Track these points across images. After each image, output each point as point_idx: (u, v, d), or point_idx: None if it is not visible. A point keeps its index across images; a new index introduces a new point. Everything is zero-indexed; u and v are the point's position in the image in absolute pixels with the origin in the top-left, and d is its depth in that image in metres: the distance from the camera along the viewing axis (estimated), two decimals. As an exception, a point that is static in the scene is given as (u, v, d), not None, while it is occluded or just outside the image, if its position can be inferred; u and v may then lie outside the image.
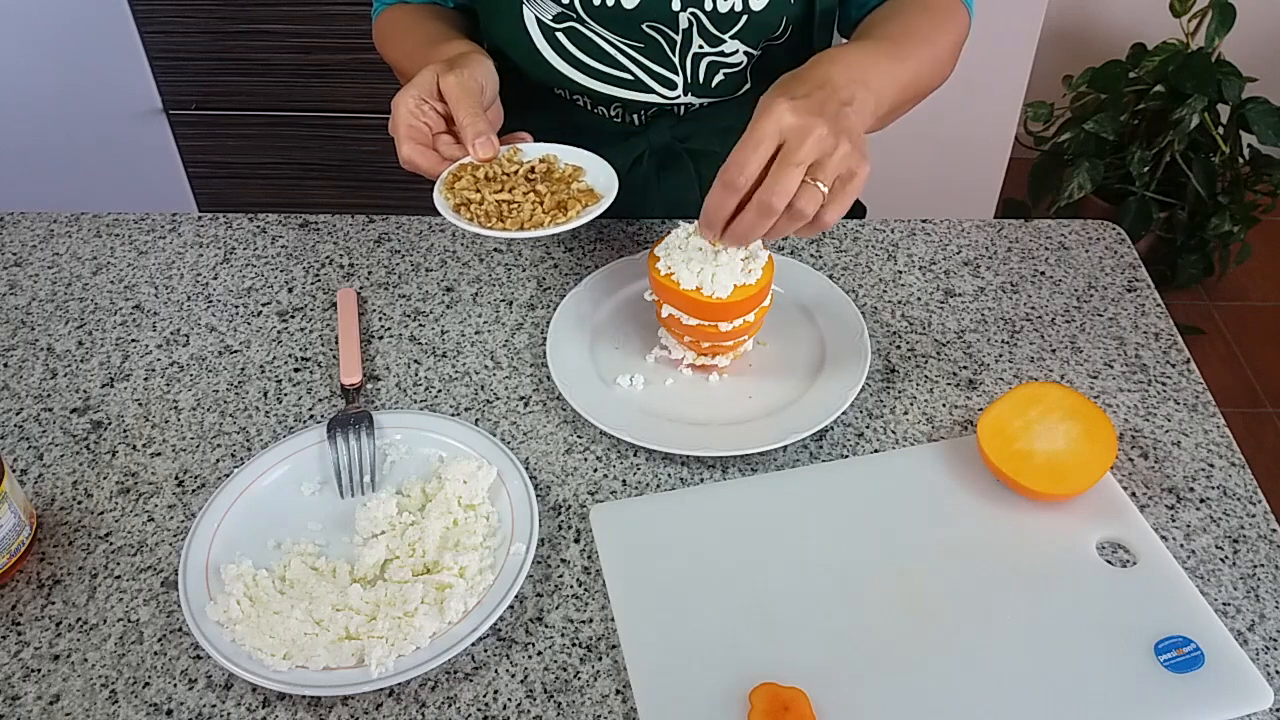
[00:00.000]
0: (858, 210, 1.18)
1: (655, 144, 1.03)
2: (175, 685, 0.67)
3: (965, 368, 0.88)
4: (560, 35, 0.94)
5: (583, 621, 0.71)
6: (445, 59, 0.86)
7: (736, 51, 0.94)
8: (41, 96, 1.94)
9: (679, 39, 0.93)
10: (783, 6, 0.91)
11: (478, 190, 0.80)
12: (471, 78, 0.82)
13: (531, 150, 0.86)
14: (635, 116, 1.02)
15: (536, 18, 0.94)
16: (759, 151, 0.71)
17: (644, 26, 0.92)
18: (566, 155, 0.85)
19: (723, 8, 0.90)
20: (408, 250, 1.01)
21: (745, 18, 0.91)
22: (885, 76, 0.79)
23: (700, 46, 0.93)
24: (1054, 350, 0.90)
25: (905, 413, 0.84)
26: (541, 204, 0.80)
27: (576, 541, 0.75)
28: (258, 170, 2.06)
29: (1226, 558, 0.74)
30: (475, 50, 0.89)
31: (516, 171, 0.82)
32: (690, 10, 0.90)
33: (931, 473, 0.78)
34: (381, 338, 0.92)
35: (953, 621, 0.69)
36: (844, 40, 0.97)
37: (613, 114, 1.02)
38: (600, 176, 0.84)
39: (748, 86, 0.99)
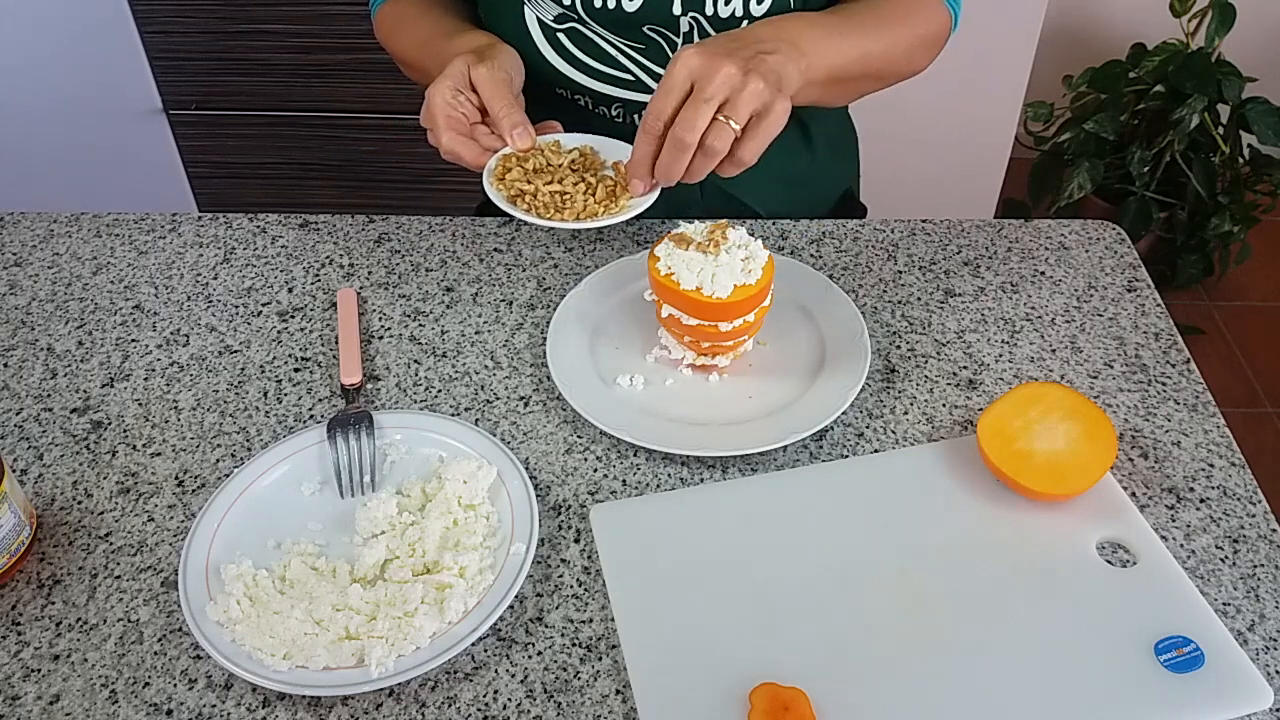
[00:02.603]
0: (858, 210, 1.18)
1: None
2: (175, 685, 0.67)
3: (965, 368, 0.88)
4: (561, 36, 0.94)
5: (583, 621, 0.71)
6: (471, 49, 0.86)
7: None
8: (42, 97, 1.94)
9: (680, 42, 0.93)
10: (783, 12, 0.91)
11: (529, 182, 0.82)
12: (501, 68, 0.84)
13: (568, 140, 0.87)
14: (635, 116, 1.02)
15: (538, 18, 0.94)
16: (671, 97, 0.75)
17: (645, 29, 0.92)
18: (602, 147, 0.87)
19: (724, 13, 0.90)
20: (408, 250, 1.01)
21: (746, 23, 0.91)
22: (819, 43, 0.82)
23: None
24: (1054, 350, 0.90)
25: (905, 413, 0.84)
26: (593, 194, 0.82)
27: (576, 541, 0.75)
28: (258, 170, 2.06)
29: (1226, 558, 0.74)
30: (497, 40, 0.90)
31: (562, 163, 0.84)
32: (691, 15, 0.90)
33: (931, 473, 0.78)
34: (381, 338, 0.92)
35: (953, 621, 0.69)
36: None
37: (613, 114, 1.02)
38: None
39: None
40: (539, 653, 0.69)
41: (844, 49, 0.85)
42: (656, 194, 0.83)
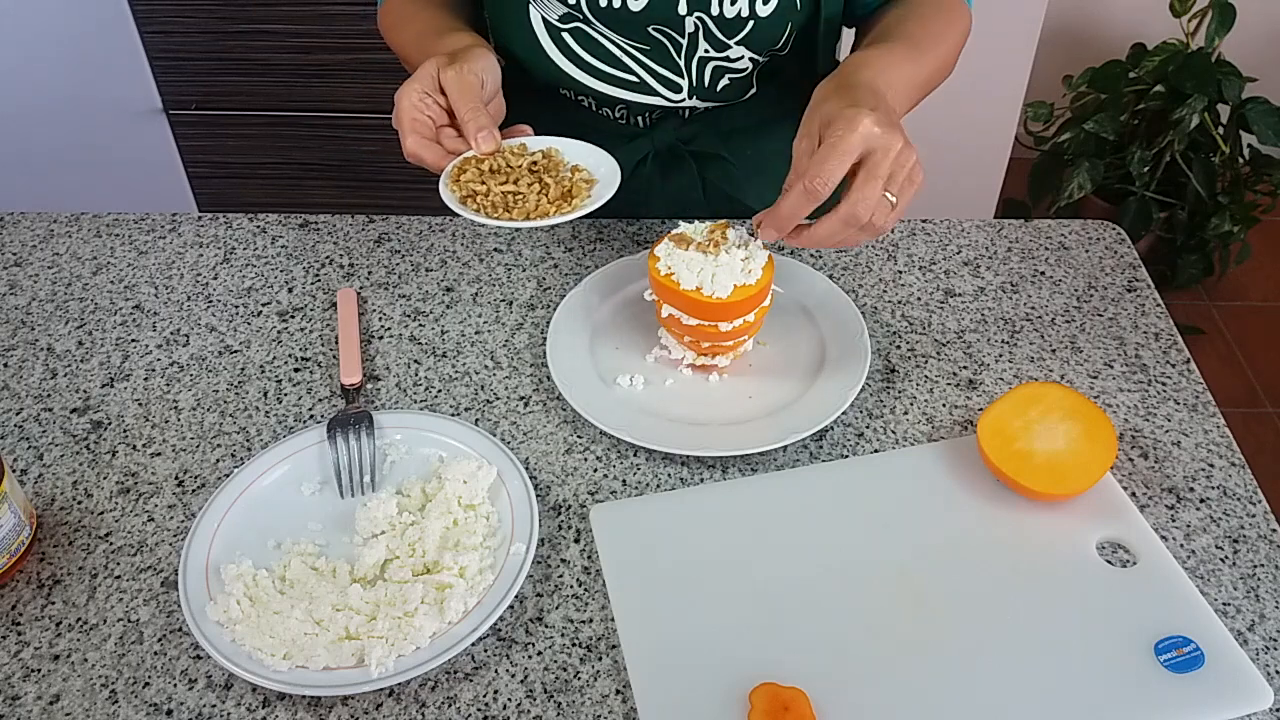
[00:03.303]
0: None
1: (659, 146, 1.03)
2: (175, 685, 0.67)
3: (965, 368, 0.88)
4: (566, 36, 0.94)
5: (583, 621, 0.71)
6: (448, 52, 0.86)
7: (742, 58, 0.94)
8: (41, 97, 1.94)
9: (685, 43, 0.93)
10: (789, 13, 0.91)
11: (483, 182, 0.82)
12: (471, 71, 0.83)
13: (534, 143, 0.86)
14: (640, 118, 1.02)
15: (543, 18, 0.94)
16: (844, 163, 0.72)
17: (650, 29, 0.92)
18: (567, 149, 0.86)
19: (729, 13, 0.90)
20: (408, 250, 1.01)
21: (751, 24, 0.90)
22: (904, 82, 0.82)
23: (706, 51, 0.93)
24: (1054, 350, 0.90)
25: (905, 413, 0.84)
26: (546, 194, 0.82)
27: (576, 541, 0.75)
28: (258, 170, 2.06)
29: (1226, 558, 0.74)
30: (478, 43, 0.90)
31: (520, 164, 0.83)
32: (697, 15, 0.90)
33: (931, 473, 0.78)
34: (381, 338, 0.92)
35: (953, 621, 0.69)
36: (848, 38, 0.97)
37: (617, 115, 1.02)
38: (601, 168, 0.85)
39: (753, 91, 0.99)
40: (539, 653, 0.69)
41: (917, 79, 0.85)
42: (611, 193, 0.82)
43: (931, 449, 0.80)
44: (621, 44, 0.94)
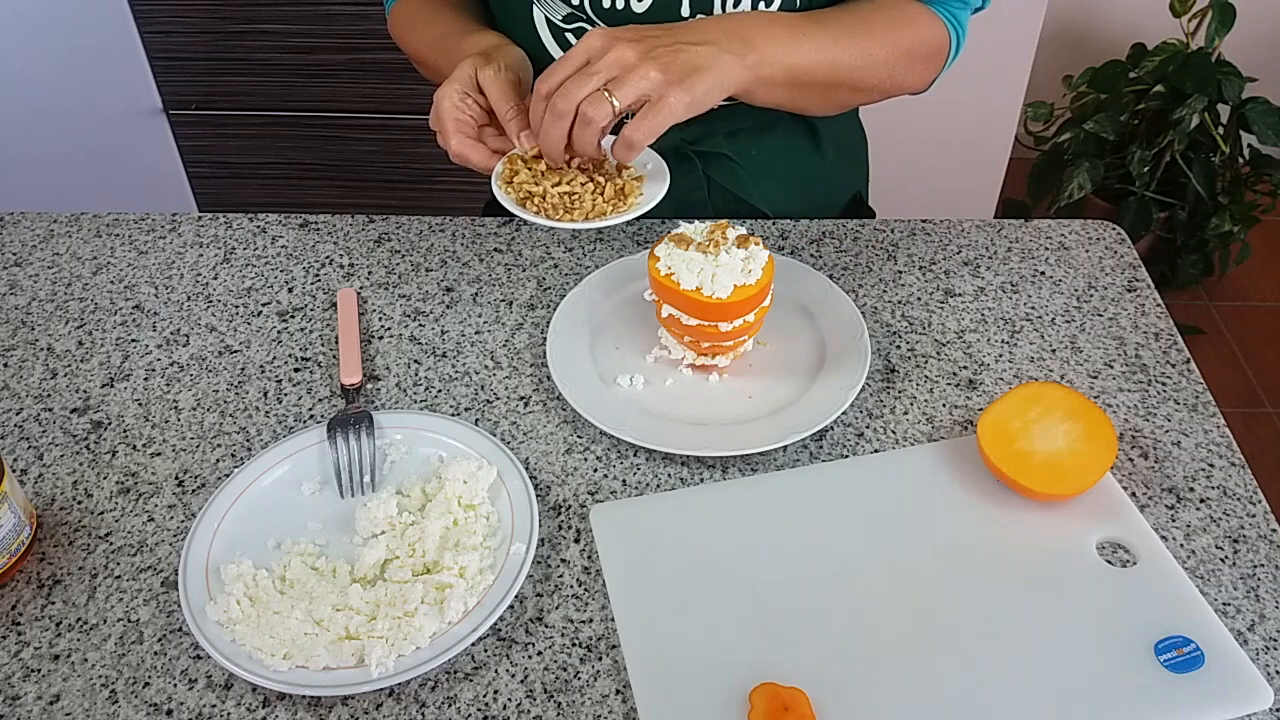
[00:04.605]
0: (867, 212, 1.18)
1: (663, 146, 1.03)
2: (175, 685, 0.67)
3: (965, 368, 0.88)
4: (570, 37, 0.94)
5: (583, 621, 0.71)
6: (479, 51, 0.87)
7: None
8: (42, 97, 1.95)
9: None
10: (790, 12, 0.91)
11: (537, 183, 0.82)
12: (509, 69, 0.85)
13: None
14: None
15: (546, 18, 0.94)
16: (565, 66, 0.78)
17: None
18: (610, 146, 0.87)
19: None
20: (408, 250, 1.01)
21: None
22: (777, 41, 0.83)
23: None
24: (1054, 350, 0.90)
25: (905, 413, 0.84)
26: (602, 194, 0.82)
27: (576, 541, 0.75)
28: (258, 170, 2.06)
29: (1226, 558, 0.74)
30: (506, 41, 0.90)
31: (570, 163, 0.84)
32: (699, 16, 0.90)
33: (931, 473, 0.78)
34: (381, 338, 0.92)
35: (953, 621, 0.69)
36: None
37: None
38: (648, 164, 0.86)
39: None
40: (539, 653, 0.69)
41: (807, 50, 0.84)
42: (664, 192, 0.83)
43: (931, 449, 0.80)
44: None
